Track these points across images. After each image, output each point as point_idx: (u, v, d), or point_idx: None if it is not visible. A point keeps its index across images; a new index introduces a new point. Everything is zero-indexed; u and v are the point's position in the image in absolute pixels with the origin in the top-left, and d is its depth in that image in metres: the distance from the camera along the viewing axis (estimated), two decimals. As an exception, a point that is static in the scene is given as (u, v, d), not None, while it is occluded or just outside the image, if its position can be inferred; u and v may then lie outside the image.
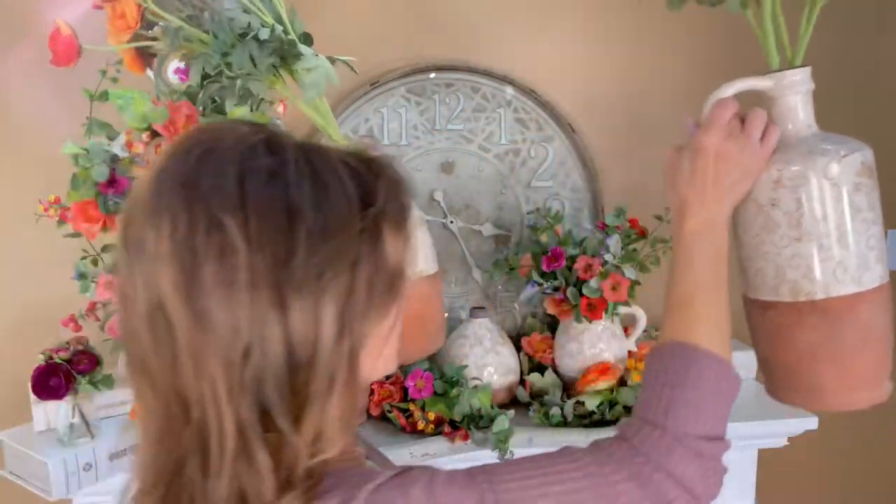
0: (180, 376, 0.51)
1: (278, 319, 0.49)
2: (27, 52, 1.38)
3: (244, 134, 0.53)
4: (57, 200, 1.26)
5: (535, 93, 1.55)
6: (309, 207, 0.50)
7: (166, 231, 0.49)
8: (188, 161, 0.51)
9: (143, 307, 0.51)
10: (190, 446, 0.52)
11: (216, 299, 0.49)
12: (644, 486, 0.58)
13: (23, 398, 1.25)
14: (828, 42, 0.86)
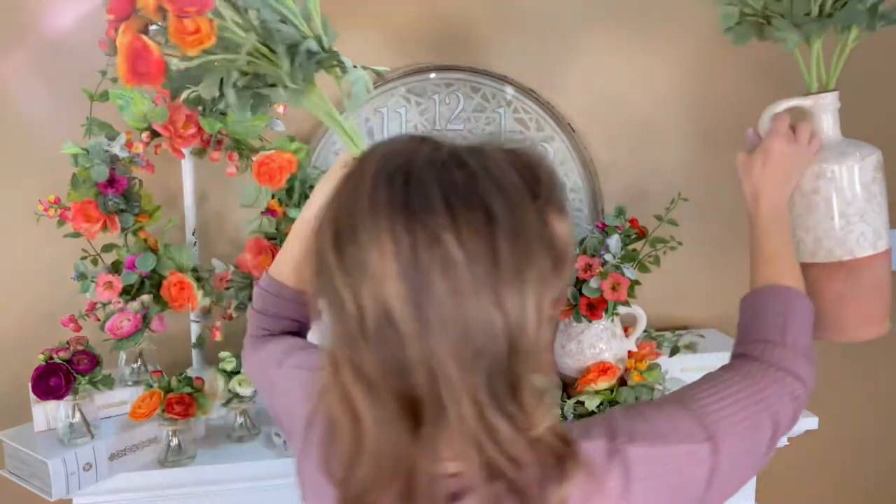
0: (409, 380, 0.57)
1: (500, 317, 0.56)
2: (27, 52, 1.38)
3: (429, 153, 0.60)
4: (57, 200, 1.26)
5: (535, 93, 1.55)
6: (499, 211, 0.57)
7: (390, 252, 0.55)
8: (395, 187, 0.57)
9: (371, 321, 0.56)
10: (426, 442, 0.58)
11: (446, 308, 0.55)
12: (783, 388, 0.77)
13: (23, 398, 1.25)
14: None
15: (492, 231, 0.56)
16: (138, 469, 1.19)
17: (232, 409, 1.28)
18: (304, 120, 1.49)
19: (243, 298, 1.38)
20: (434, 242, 0.55)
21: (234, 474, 1.22)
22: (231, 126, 1.30)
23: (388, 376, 0.57)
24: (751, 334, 0.85)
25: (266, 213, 1.36)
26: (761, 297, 0.88)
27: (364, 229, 0.57)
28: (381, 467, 0.60)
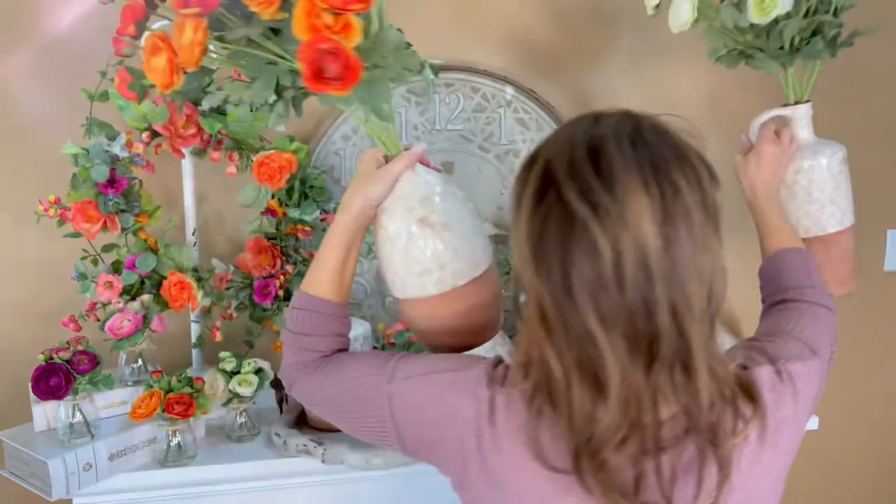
0: (653, 320, 0.64)
1: (715, 263, 0.67)
2: (27, 52, 1.38)
3: (643, 119, 0.71)
4: (57, 200, 1.26)
5: (535, 93, 1.55)
6: (704, 171, 0.68)
7: (646, 202, 0.64)
8: (637, 147, 0.67)
9: (628, 264, 0.63)
10: (664, 372, 0.66)
11: (687, 252, 0.65)
12: (824, 318, 0.94)
13: (23, 398, 1.25)
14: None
15: (703, 188, 0.67)
16: (138, 469, 1.19)
17: (232, 409, 1.28)
18: (304, 120, 1.49)
19: (243, 298, 1.38)
20: (677, 193, 0.65)
21: (234, 474, 1.22)
22: (231, 126, 1.30)
23: (635, 317, 0.64)
24: (784, 285, 1.01)
25: (266, 213, 1.36)
26: (783, 258, 1.07)
27: (619, 183, 0.64)
28: (627, 410, 0.66)
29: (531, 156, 0.73)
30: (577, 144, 0.68)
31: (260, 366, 1.28)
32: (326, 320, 0.90)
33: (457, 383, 0.77)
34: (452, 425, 0.76)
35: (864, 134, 1.70)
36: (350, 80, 0.76)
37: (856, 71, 1.70)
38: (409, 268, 0.90)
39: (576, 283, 0.65)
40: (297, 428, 1.29)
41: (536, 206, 0.68)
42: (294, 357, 0.91)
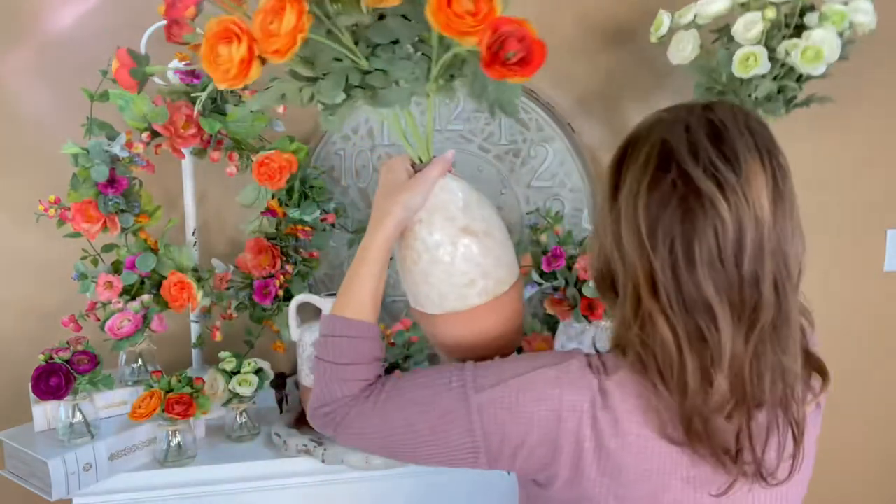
0: (760, 290, 0.70)
1: (803, 237, 0.74)
2: (28, 51, 1.38)
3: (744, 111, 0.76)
4: (57, 200, 1.26)
5: (535, 93, 1.55)
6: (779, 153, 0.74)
7: (763, 182, 0.70)
8: (751, 131, 0.73)
9: (749, 239, 0.69)
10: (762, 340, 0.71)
11: (789, 227, 0.72)
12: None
13: (23, 398, 1.25)
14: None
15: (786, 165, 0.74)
16: (138, 469, 1.19)
17: (232, 409, 1.28)
18: (304, 120, 1.49)
19: (243, 298, 1.38)
20: (784, 174, 0.72)
21: (234, 474, 1.22)
22: (231, 126, 1.30)
23: (744, 288, 0.70)
24: None
25: (266, 213, 1.36)
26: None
27: (742, 162, 0.70)
28: (736, 377, 0.71)
29: (634, 140, 0.77)
30: (695, 128, 0.72)
31: (260, 366, 1.28)
32: (370, 345, 0.85)
33: (561, 378, 0.76)
34: (564, 421, 0.75)
35: (865, 133, 1.70)
36: (535, 66, 0.72)
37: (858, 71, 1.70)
38: (453, 280, 0.86)
39: (698, 255, 0.69)
40: (297, 428, 1.29)
41: (655, 184, 0.71)
42: (340, 391, 0.83)
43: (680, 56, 1.29)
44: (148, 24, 1.33)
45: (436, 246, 0.86)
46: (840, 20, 1.17)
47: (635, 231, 0.72)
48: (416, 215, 0.87)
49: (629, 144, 0.77)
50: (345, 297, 0.86)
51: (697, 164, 0.70)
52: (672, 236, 0.70)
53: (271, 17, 0.70)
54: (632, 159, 0.75)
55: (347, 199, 1.52)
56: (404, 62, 0.78)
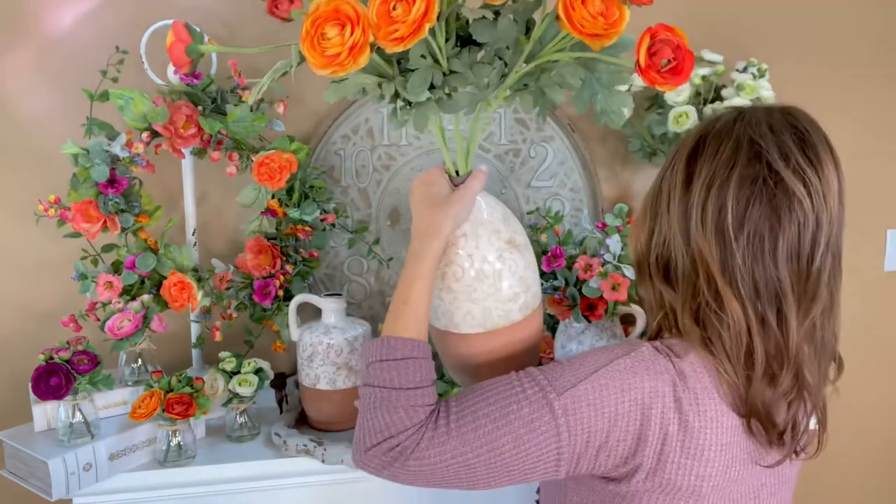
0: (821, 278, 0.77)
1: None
2: (27, 51, 1.38)
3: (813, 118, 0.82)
4: (57, 200, 1.26)
5: (535, 93, 1.55)
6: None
7: (836, 176, 0.78)
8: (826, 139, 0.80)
9: (824, 230, 0.77)
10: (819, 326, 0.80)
11: (842, 229, 0.80)
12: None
13: (23, 398, 1.25)
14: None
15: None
16: (138, 469, 1.19)
17: (232, 409, 1.28)
18: (304, 120, 1.49)
19: (243, 298, 1.38)
20: (843, 180, 0.79)
21: (234, 474, 1.22)
22: (231, 126, 1.30)
23: (808, 280, 0.77)
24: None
25: (266, 213, 1.36)
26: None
27: (823, 167, 0.77)
28: (798, 369, 0.78)
29: (709, 134, 0.81)
30: (780, 131, 0.78)
31: (260, 366, 1.28)
32: (430, 365, 0.82)
33: (636, 366, 0.79)
34: (649, 408, 0.77)
35: (865, 134, 1.71)
36: (684, 77, 0.72)
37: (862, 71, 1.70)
38: (499, 295, 0.84)
39: (780, 248, 0.76)
40: (297, 428, 1.29)
41: (744, 179, 0.77)
42: (409, 419, 0.78)
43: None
44: (148, 24, 1.33)
45: (483, 260, 0.83)
46: (751, 91, 1.43)
47: (717, 220, 0.77)
48: (460, 230, 0.86)
49: (703, 138, 0.81)
50: (403, 316, 0.82)
51: (787, 166, 0.76)
52: (759, 229, 0.76)
53: (395, 1, 0.67)
54: (708, 153, 0.80)
55: (347, 199, 1.52)
56: (483, 67, 0.76)
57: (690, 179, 0.80)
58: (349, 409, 1.31)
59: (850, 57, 1.70)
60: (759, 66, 1.48)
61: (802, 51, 1.67)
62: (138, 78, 1.31)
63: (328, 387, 1.25)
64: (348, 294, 1.53)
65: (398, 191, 1.53)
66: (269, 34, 1.46)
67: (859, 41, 1.71)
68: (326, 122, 1.48)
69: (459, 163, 0.87)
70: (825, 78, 1.68)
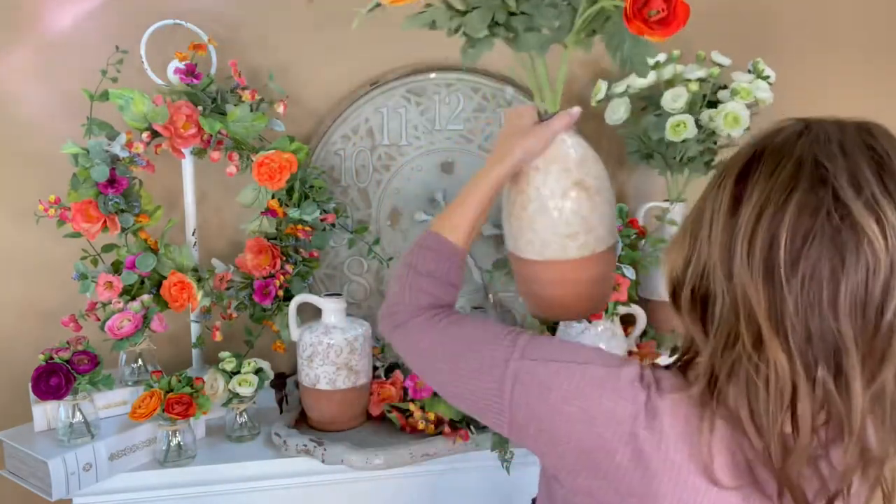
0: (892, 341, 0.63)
1: None
2: (27, 52, 1.38)
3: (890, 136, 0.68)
4: (57, 200, 1.26)
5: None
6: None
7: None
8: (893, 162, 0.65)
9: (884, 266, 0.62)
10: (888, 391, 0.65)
11: None
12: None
13: (23, 398, 1.25)
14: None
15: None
16: (138, 469, 1.19)
17: (232, 409, 1.28)
18: (304, 120, 1.49)
19: (243, 298, 1.38)
20: None
21: (234, 474, 1.22)
22: (231, 126, 1.30)
23: (881, 339, 0.64)
24: None
25: (266, 213, 1.36)
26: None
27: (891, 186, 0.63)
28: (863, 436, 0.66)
29: (766, 149, 0.68)
30: (853, 153, 0.65)
31: (260, 366, 1.28)
32: (450, 266, 0.90)
33: (606, 382, 0.72)
34: (596, 426, 0.71)
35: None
36: (673, 28, 0.73)
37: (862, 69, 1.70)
38: (557, 229, 0.89)
39: (843, 296, 0.62)
40: (297, 428, 1.29)
41: (803, 209, 0.63)
42: (410, 298, 0.88)
43: (614, 118, 1.49)
44: (148, 24, 1.33)
45: (548, 195, 0.89)
46: (747, 95, 1.42)
47: (766, 258, 0.64)
48: (534, 162, 0.90)
49: (758, 154, 0.68)
50: (446, 218, 0.91)
51: (859, 197, 0.62)
52: (817, 270, 0.62)
53: None
54: (763, 172, 0.66)
55: (347, 199, 1.52)
56: (549, 9, 0.81)
57: (739, 202, 0.67)
58: (349, 409, 1.31)
59: (852, 56, 1.70)
60: (757, 67, 1.47)
61: (808, 48, 1.67)
62: (138, 78, 1.31)
63: (328, 387, 1.25)
64: (348, 294, 1.53)
65: (398, 191, 1.53)
66: (269, 34, 1.46)
67: (868, 38, 1.70)
68: (326, 122, 1.48)
69: (549, 103, 0.92)
70: (826, 78, 1.68)
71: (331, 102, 1.50)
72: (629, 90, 1.48)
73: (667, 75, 1.47)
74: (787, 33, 1.68)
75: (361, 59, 1.50)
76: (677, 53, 1.48)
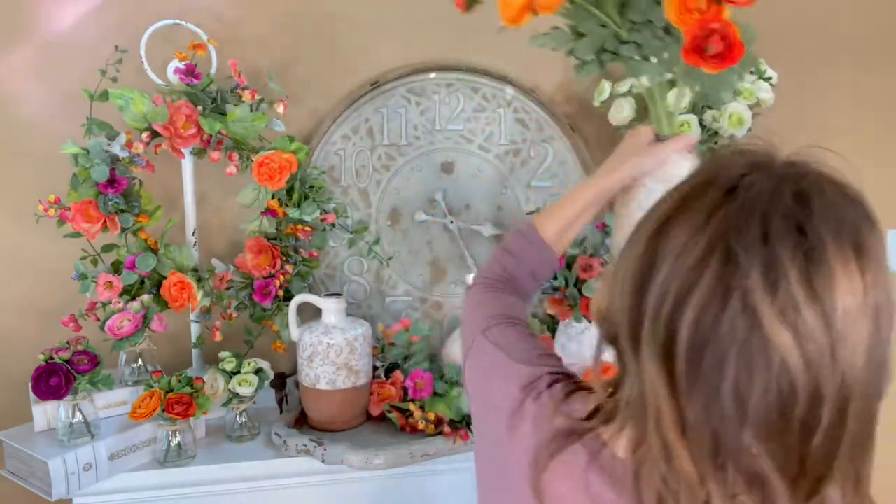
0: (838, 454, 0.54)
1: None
2: (27, 52, 1.38)
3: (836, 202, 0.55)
4: (57, 200, 1.26)
5: (535, 93, 1.55)
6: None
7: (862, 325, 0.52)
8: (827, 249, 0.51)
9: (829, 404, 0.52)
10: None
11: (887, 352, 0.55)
12: None
13: (23, 398, 1.25)
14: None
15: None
16: (138, 469, 1.19)
17: (232, 408, 1.28)
18: (304, 120, 1.49)
19: (243, 298, 1.38)
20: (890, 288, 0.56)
21: (234, 474, 1.22)
22: (231, 126, 1.30)
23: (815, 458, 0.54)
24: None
25: (266, 213, 1.36)
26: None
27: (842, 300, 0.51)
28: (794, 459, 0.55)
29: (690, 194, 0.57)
30: (776, 241, 0.51)
31: (260, 366, 1.28)
32: (534, 256, 0.94)
33: (508, 369, 0.73)
34: (488, 408, 0.75)
35: (865, 133, 1.70)
36: (728, 62, 0.78)
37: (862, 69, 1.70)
38: None
39: (753, 416, 0.52)
40: (297, 428, 1.29)
41: (711, 311, 0.52)
42: (488, 270, 0.94)
43: (619, 118, 1.48)
44: (148, 24, 1.33)
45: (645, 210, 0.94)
46: (749, 95, 1.42)
47: (666, 346, 0.54)
48: (643, 179, 0.94)
49: (678, 207, 0.57)
50: (545, 213, 0.97)
51: (773, 302, 0.50)
52: (722, 385, 0.52)
53: None
54: (676, 241, 0.55)
55: (347, 199, 1.52)
56: (656, 42, 0.88)
57: (656, 243, 0.56)
58: (349, 409, 1.31)
59: (852, 56, 1.70)
60: (759, 68, 1.47)
61: (806, 50, 1.67)
62: (138, 78, 1.31)
63: (328, 387, 1.25)
64: (348, 294, 1.53)
65: (398, 191, 1.53)
66: (269, 34, 1.46)
67: (865, 40, 1.71)
68: (326, 122, 1.48)
69: (665, 127, 0.97)
70: (826, 77, 1.68)
71: (331, 102, 1.50)
72: (633, 90, 1.48)
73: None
74: (787, 33, 1.67)
75: (361, 59, 1.50)
76: None
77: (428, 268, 1.56)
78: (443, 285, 1.57)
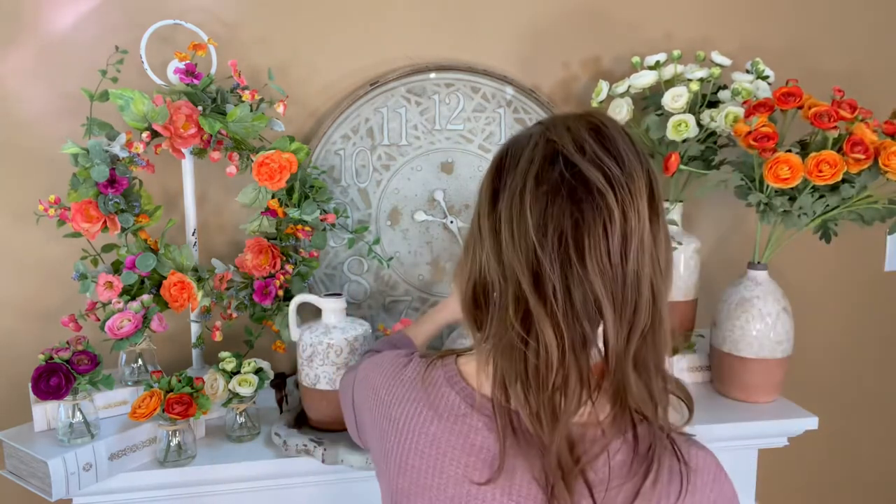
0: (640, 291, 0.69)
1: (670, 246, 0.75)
2: (27, 51, 1.38)
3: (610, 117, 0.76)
4: (57, 200, 1.26)
5: (535, 93, 1.55)
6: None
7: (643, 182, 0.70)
8: (627, 134, 0.73)
9: (634, 236, 0.68)
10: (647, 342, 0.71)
11: (663, 236, 0.73)
12: None
13: (23, 398, 1.25)
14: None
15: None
16: (138, 469, 1.19)
17: (232, 408, 1.28)
18: (304, 120, 1.49)
19: (243, 298, 1.38)
20: (657, 184, 0.73)
21: (234, 474, 1.22)
22: (231, 126, 1.30)
23: (626, 288, 0.69)
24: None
25: (266, 213, 1.36)
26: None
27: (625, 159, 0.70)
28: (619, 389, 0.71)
29: (512, 146, 0.75)
30: (576, 127, 0.71)
31: (260, 366, 1.28)
32: (409, 346, 1.20)
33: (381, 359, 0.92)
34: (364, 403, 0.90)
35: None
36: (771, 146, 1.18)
37: (858, 70, 1.70)
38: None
39: (587, 249, 0.67)
40: (297, 428, 1.29)
41: (542, 178, 0.69)
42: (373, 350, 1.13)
43: (616, 118, 1.54)
44: (148, 24, 1.33)
45: None
46: (748, 94, 1.42)
47: (522, 229, 0.69)
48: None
49: (507, 152, 0.75)
50: (412, 330, 1.22)
51: (584, 157, 0.69)
52: (562, 229, 0.67)
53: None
54: (512, 163, 0.73)
55: (347, 199, 1.52)
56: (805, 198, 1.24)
57: (497, 196, 0.73)
58: (349, 409, 1.31)
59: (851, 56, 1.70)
60: (757, 67, 1.47)
61: (807, 44, 1.67)
62: (138, 78, 1.31)
63: (328, 387, 1.25)
64: (348, 294, 1.53)
65: (398, 191, 1.53)
66: (268, 34, 1.46)
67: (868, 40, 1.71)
68: (326, 122, 1.48)
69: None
70: (827, 76, 1.69)
71: (331, 102, 1.50)
72: (630, 90, 1.48)
73: (667, 75, 1.47)
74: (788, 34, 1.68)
75: (361, 59, 1.50)
76: (678, 53, 1.49)
77: (428, 268, 1.56)
78: (443, 285, 1.57)
